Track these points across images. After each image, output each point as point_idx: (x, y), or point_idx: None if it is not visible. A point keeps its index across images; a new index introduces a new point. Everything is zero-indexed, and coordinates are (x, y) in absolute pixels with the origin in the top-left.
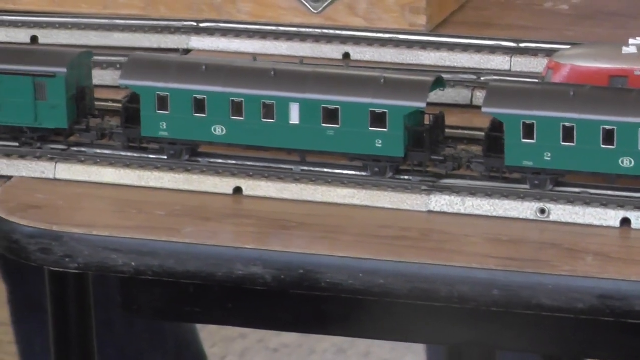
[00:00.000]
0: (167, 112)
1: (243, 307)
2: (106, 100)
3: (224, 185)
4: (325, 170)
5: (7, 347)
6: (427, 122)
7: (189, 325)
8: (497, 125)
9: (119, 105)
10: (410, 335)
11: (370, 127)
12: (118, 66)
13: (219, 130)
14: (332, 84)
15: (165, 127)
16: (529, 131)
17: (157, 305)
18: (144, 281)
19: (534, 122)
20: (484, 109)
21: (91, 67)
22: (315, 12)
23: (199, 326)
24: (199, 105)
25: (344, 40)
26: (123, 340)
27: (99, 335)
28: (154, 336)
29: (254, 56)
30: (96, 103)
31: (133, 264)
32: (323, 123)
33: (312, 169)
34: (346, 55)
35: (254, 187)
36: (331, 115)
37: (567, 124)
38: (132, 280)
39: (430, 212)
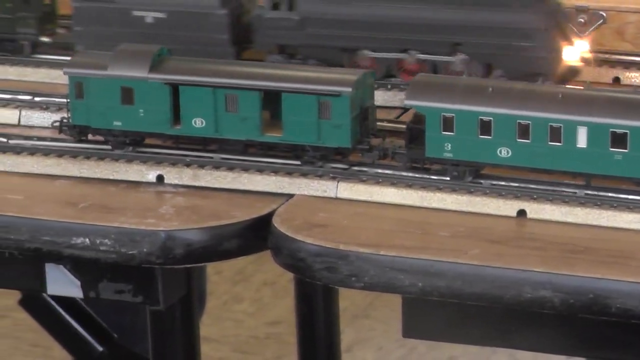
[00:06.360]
0: (452, 134)
1: (526, 330)
2: (382, 120)
3: (508, 207)
4: (610, 194)
5: None
6: None
7: None
8: None
9: (397, 125)
10: None
11: None
12: (389, 86)
13: (504, 153)
14: (620, 108)
15: (449, 148)
16: None
17: (439, 327)
18: (425, 302)
19: None
20: None
21: (374, 87)
22: (582, 35)
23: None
24: (485, 127)
25: (613, 64)
26: None
27: None
28: None
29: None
30: None
31: (419, 284)
32: (611, 147)
33: (596, 193)
34: (616, 80)
35: (538, 210)
36: (619, 140)
37: None
38: (415, 301)
39: None
